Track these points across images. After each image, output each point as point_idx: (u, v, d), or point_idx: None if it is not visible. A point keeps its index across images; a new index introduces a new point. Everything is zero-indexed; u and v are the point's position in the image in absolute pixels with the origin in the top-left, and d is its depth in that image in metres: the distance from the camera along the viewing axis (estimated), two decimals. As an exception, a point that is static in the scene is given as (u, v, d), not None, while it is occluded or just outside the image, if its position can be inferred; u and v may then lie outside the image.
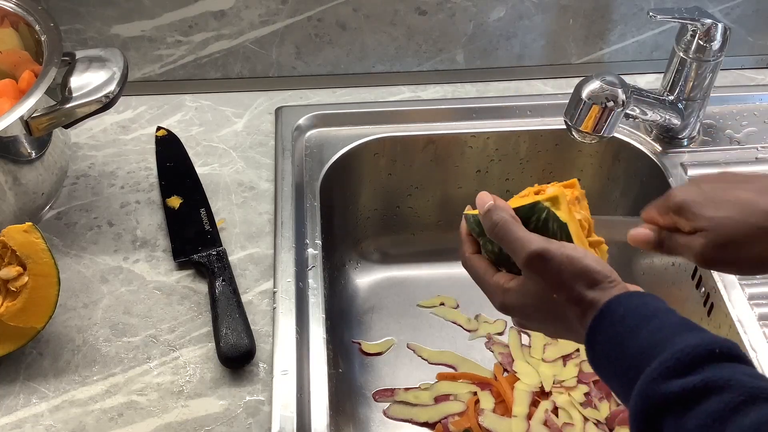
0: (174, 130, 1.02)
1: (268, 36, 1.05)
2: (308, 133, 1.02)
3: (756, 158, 0.98)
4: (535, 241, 0.60)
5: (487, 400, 0.93)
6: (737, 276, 0.85)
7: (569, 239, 0.62)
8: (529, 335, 0.99)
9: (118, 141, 1.02)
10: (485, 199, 0.65)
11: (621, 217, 1.03)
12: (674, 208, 0.64)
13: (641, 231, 0.67)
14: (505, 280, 0.64)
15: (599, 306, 0.57)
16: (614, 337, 0.55)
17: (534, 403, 0.92)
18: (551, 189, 0.65)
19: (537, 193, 0.67)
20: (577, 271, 0.58)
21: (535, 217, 0.63)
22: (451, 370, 0.98)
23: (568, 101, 0.86)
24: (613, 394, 0.94)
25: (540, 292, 0.60)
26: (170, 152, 0.99)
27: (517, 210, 0.63)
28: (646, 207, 0.68)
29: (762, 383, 0.49)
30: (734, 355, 0.51)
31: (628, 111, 0.86)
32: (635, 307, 0.56)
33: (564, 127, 0.87)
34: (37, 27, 0.86)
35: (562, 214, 0.62)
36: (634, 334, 0.54)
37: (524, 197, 0.68)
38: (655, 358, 0.51)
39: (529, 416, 0.91)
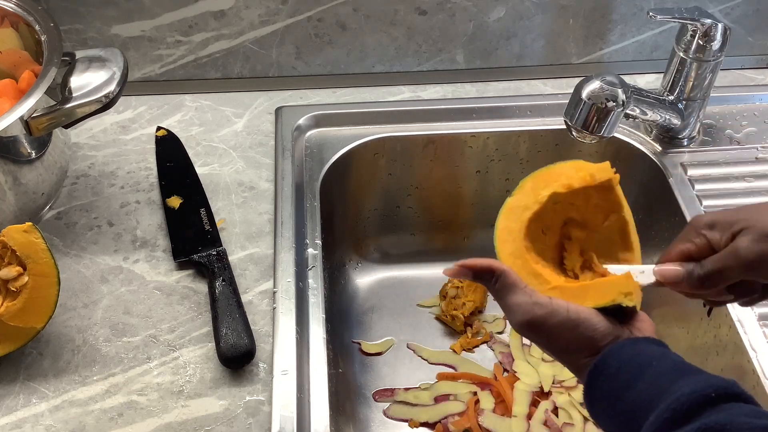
0: (174, 130, 1.02)
1: (268, 36, 1.05)
2: (308, 133, 1.02)
3: (756, 158, 0.98)
4: (525, 311, 0.58)
5: (487, 400, 0.93)
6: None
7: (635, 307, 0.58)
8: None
9: (118, 141, 1.02)
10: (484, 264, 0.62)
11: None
12: (707, 225, 0.60)
13: (670, 267, 0.62)
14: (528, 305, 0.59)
15: (594, 360, 0.56)
16: (611, 393, 0.54)
17: (534, 403, 0.92)
18: (625, 279, 0.59)
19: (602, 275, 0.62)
20: (565, 343, 0.57)
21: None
22: (451, 370, 0.98)
23: (568, 101, 0.86)
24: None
25: (545, 347, 0.59)
26: (170, 152, 0.99)
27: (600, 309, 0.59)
28: (666, 254, 0.63)
29: (760, 422, 0.48)
30: (732, 393, 0.50)
31: (628, 111, 0.86)
32: (629, 359, 0.55)
33: (564, 127, 0.87)
34: (37, 27, 0.86)
35: (634, 299, 0.58)
36: (630, 387, 0.53)
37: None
38: (653, 411, 0.50)
39: (529, 416, 0.91)
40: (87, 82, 0.81)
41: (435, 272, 1.08)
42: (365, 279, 1.08)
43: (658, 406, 0.50)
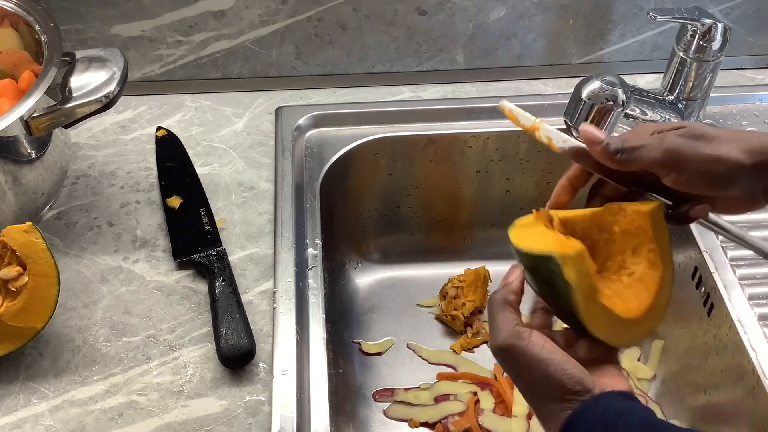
0: (174, 130, 1.02)
1: (268, 36, 1.05)
2: (308, 133, 1.02)
3: (756, 158, 0.98)
4: (503, 336, 0.55)
5: (487, 400, 0.93)
6: (738, 276, 0.85)
7: (571, 303, 0.55)
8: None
9: (118, 141, 1.02)
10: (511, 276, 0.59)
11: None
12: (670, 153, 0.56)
13: (593, 129, 0.58)
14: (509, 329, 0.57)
15: (562, 422, 0.54)
16: None
17: (534, 403, 0.92)
18: (575, 243, 0.56)
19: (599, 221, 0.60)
20: (540, 376, 0.54)
21: (545, 268, 0.56)
22: (451, 370, 0.98)
23: (568, 101, 0.86)
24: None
25: (515, 381, 0.58)
26: (170, 152, 0.99)
27: (529, 255, 0.56)
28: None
29: None
30: None
31: (628, 111, 0.86)
32: (596, 417, 0.53)
33: (564, 127, 0.87)
34: (37, 27, 0.86)
35: (570, 274, 0.54)
36: None
37: (585, 211, 0.61)
38: None
39: (529, 416, 0.91)
40: (87, 82, 0.81)
41: (435, 272, 1.08)
42: (365, 279, 1.08)
43: None
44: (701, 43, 0.90)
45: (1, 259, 0.76)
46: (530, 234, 0.58)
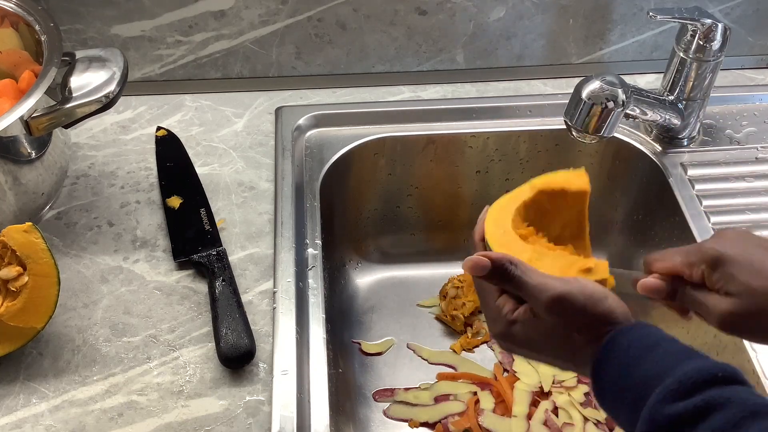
0: (174, 130, 1.02)
1: (268, 36, 1.05)
2: (308, 133, 1.02)
3: (756, 158, 0.98)
4: (555, 286, 0.58)
5: (487, 400, 0.93)
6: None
7: None
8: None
9: (118, 141, 1.02)
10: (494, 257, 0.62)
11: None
12: (711, 261, 0.60)
13: (653, 282, 0.63)
14: (509, 309, 0.61)
15: (605, 339, 0.57)
16: (619, 369, 0.55)
17: (534, 403, 0.92)
18: (599, 267, 0.62)
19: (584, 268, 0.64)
20: (598, 313, 0.58)
21: None
22: (451, 370, 0.98)
23: (568, 101, 0.86)
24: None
25: (556, 330, 0.59)
26: (170, 152, 0.99)
27: None
28: (661, 254, 0.64)
29: (762, 400, 0.49)
30: (737, 379, 0.52)
31: (628, 111, 0.86)
32: (639, 338, 0.56)
33: (564, 127, 0.87)
34: (37, 27, 0.86)
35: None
36: (639, 364, 0.54)
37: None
38: (659, 385, 0.52)
39: (529, 416, 0.91)
40: (87, 82, 0.81)
41: (435, 272, 1.08)
42: (365, 279, 1.08)
43: (665, 381, 0.52)
44: (701, 43, 0.90)
45: (1, 259, 0.76)
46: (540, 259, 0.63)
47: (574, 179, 0.68)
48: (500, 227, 0.65)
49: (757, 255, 0.59)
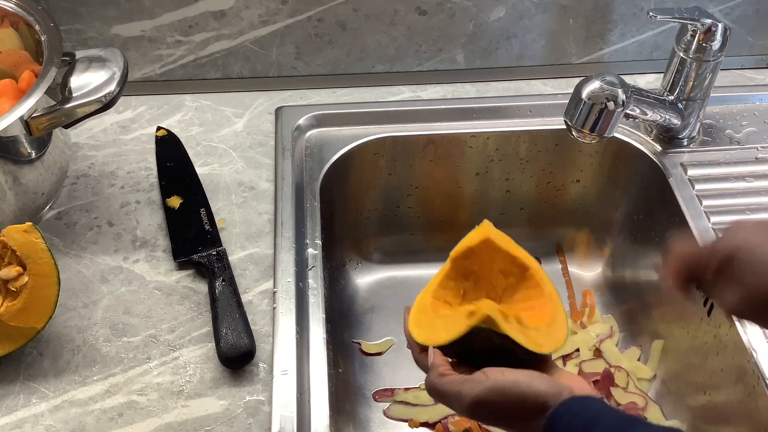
0: (174, 130, 1.02)
1: (268, 36, 1.05)
2: (308, 133, 1.02)
3: (756, 158, 0.98)
4: (469, 390, 0.58)
5: (487, 400, 0.93)
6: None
7: (514, 346, 0.60)
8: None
9: (118, 141, 1.02)
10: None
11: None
12: (730, 249, 0.60)
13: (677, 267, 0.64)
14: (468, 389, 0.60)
15: (543, 424, 0.56)
16: None
17: (534, 403, 0.92)
18: (480, 306, 0.62)
19: (469, 312, 0.64)
20: (519, 400, 0.57)
21: (478, 338, 0.61)
22: (451, 370, 0.98)
23: (568, 101, 0.86)
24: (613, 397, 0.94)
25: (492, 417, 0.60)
26: (170, 152, 0.99)
27: (455, 343, 0.61)
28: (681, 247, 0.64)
29: None
30: None
31: (628, 111, 0.86)
32: (575, 415, 0.55)
33: (564, 127, 0.87)
34: (37, 27, 0.86)
35: (501, 327, 0.60)
36: None
37: (450, 312, 0.67)
38: None
39: (529, 416, 0.90)
40: (87, 82, 0.81)
41: (435, 272, 1.08)
42: (365, 279, 1.08)
43: None
44: (701, 43, 0.90)
45: (1, 259, 0.76)
46: (436, 324, 0.65)
47: (475, 235, 0.69)
48: (420, 311, 0.68)
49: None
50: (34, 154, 0.84)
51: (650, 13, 0.88)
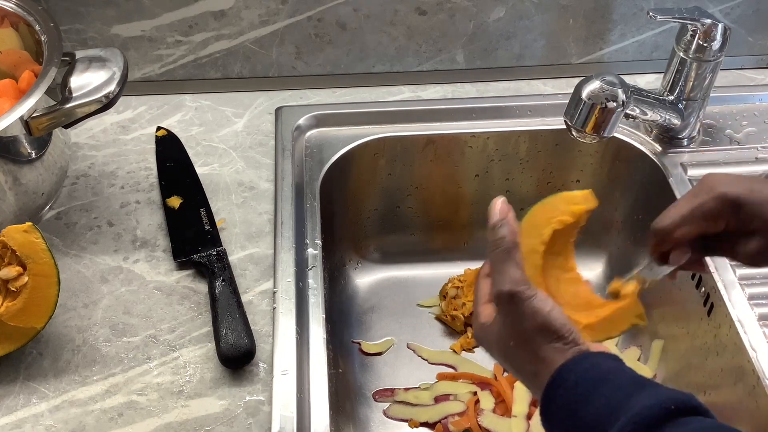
0: (174, 130, 1.02)
1: (268, 36, 1.05)
2: (308, 133, 1.02)
3: (756, 158, 0.98)
4: (511, 281, 0.57)
5: (487, 400, 0.93)
6: (737, 276, 0.85)
7: None
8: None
9: (118, 141, 1.02)
10: (503, 210, 0.61)
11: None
12: (731, 206, 0.60)
13: (683, 253, 0.64)
14: (487, 314, 0.60)
15: (552, 372, 0.55)
16: (568, 406, 0.54)
17: (534, 403, 0.92)
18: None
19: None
20: (537, 324, 0.56)
21: None
22: (451, 370, 0.98)
23: (568, 101, 0.86)
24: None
25: (505, 335, 0.58)
26: (170, 152, 0.99)
27: None
28: (668, 221, 0.63)
29: (717, 425, 0.49)
30: (691, 407, 0.50)
31: (628, 111, 0.86)
32: (585, 371, 0.54)
33: (564, 127, 0.87)
34: (37, 27, 0.86)
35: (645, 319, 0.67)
36: (588, 401, 0.53)
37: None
38: (612, 425, 0.50)
39: (529, 416, 0.91)
40: (87, 82, 0.81)
41: (435, 272, 1.08)
42: (365, 279, 1.08)
43: (618, 420, 0.50)
44: (701, 43, 0.90)
45: (1, 259, 0.76)
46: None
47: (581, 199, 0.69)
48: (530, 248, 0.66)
49: (766, 190, 0.60)
50: (34, 154, 0.84)
51: (650, 13, 0.88)
